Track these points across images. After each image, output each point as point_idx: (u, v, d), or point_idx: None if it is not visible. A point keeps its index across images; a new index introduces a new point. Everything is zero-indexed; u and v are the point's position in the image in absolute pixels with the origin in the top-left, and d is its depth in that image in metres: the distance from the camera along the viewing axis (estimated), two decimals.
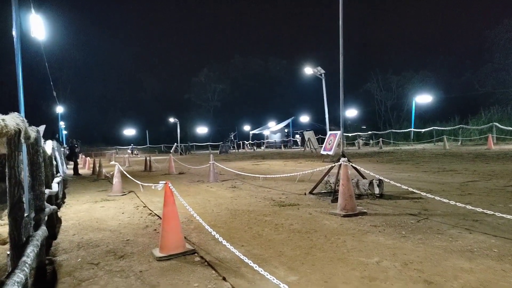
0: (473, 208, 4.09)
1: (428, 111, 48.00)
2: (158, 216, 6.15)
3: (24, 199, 2.48)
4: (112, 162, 12.98)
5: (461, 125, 31.74)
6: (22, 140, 2.40)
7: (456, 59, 62.23)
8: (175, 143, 43.72)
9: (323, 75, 22.82)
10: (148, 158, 18.60)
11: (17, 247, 2.40)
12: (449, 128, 32.27)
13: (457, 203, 4.25)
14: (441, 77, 57.46)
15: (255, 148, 49.36)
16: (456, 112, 37.06)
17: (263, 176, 9.93)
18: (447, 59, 63.73)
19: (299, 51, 79.89)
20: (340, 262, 3.50)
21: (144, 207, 7.31)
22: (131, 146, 54.80)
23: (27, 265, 1.99)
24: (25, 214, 2.56)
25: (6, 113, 2.13)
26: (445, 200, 4.43)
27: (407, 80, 57.13)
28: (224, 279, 3.22)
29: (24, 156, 3.44)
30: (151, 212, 6.68)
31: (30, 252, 2.24)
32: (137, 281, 3.27)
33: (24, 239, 2.50)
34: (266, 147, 50.34)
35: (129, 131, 68.23)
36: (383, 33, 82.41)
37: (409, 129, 37.78)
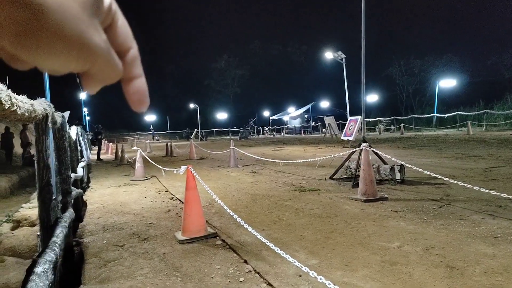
0: (497, 193, 4.01)
1: (451, 96, 46.89)
2: (180, 200, 6.25)
3: (51, 182, 2.56)
4: (134, 148, 13.18)
5: (486, 110, 30.88)
6: (49, 125, 2.46)
7: (482, 42, 60.37)
8: (195, 129, 44.08)
9: (343, 59, 22.53)
10: (169, 143, 18.81)
11: (46, 228, 2.49)
12: (473, 113, 31.44)
13: (481, 189, 4.17)
14: (466, 61, 55.85)
15: (274, 133, 49.25)
16: (481, 97, 36.19)
17: (283, 161, 9.93)
18: (472, 43, 61.92)
19: (320, 36, 78.50)
20: (360, 246, 3.51)
21: (166, 191, 7.43)
22: (152, 131, 55.39)
23: (57, 245, 2.07)
24: (53, 197, 2.65)
25: (34, 99, 2.19)
26: (468, 186, 4.35)
27: (431, 64, 55.71)
28: (245, 262, 3.28)
29: (50, 141, 3.54)
30: (172, 196, 6.79)
31: (59, 233, 2.33)
32: (161, 262, 3.36)
33: (53, 220, 2.59)
34: (286, 132, 50.08)
35: (150, 117, 68.91)
36: (406, 16, 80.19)
37: (431, 114, 37.02)
